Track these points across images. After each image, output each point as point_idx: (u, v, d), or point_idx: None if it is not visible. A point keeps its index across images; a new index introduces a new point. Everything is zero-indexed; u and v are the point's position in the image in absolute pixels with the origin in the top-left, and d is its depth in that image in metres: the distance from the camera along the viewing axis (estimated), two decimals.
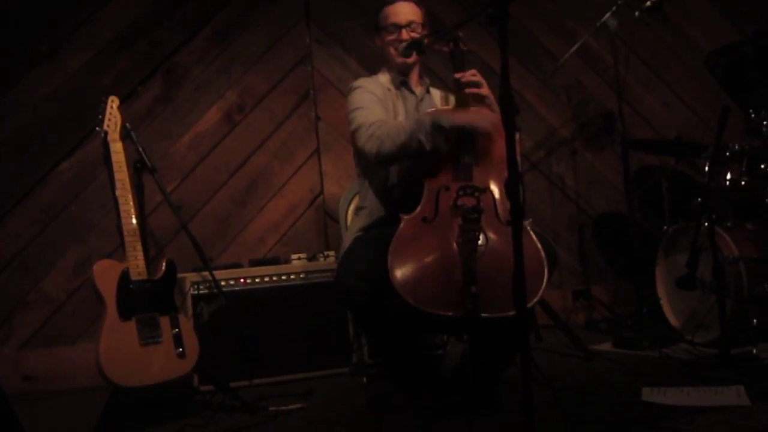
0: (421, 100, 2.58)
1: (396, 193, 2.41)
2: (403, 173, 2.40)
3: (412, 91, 2.57)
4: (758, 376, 2.45)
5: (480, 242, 2.07)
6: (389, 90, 2.53)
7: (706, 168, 2.94)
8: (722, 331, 2.68)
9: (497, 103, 2.28)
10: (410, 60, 2.51)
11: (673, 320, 3.22)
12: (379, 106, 2.43)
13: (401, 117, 2.48)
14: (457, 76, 2.31)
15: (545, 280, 2.08)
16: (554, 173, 4.08)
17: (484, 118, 2.24)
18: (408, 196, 2.30)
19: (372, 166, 2.44)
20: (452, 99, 2.55)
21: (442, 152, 2.22)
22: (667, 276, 3.25)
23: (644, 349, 3.06)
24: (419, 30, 2.50)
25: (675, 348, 3.03)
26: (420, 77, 2.62)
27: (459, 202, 2.14)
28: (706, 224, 2.77)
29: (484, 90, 2.33)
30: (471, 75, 2.31)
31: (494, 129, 2.23)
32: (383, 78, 2.58)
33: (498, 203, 2.20)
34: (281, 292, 3.10)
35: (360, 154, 2.46)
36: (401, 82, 2.56)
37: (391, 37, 2.51)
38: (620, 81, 3.43)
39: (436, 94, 2.66)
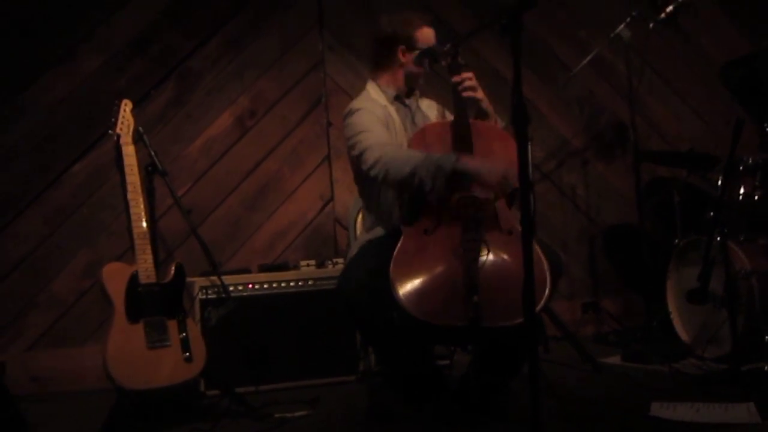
0: (414, 112, 2.57)
1: (401, 211, 2.40)
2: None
3: (405, 105, 2.56)
4: None
5: (481, 252, 2.06)
6: (384, 106, 2.50)
7: (719, 181, 2.92)
8: (734, 347, 2.65)
9: (509, 112, 2.27)
10: (421, 70, 2.52)
11: (683, 334, 3.19)
12: (381, 127, 2.40)
13: (399, 133, 2.47)
14: (455, 79, 2.33)
15: (548, 289, 2.06)
16: (565, 184, 4.06)
17: (494, 168, 2.18)
18: (411, 207, 2.29)
19: (376, 187, 2.43)
20: (449, 115, 2.55)
21: (440, 195, 2.19)
22: (677, 289, 3.23)
23: (654, 363, 3.03)
24: None
25: (685, 363, 3.00)
26: (411, 89, 2.60)
27: (460, 213, 2.13)
28: (719, 238, 2.75)
29: (480, 94, 2.34)
30: (468, 79, 2.32)
31: (497, 180, 2.18)
32: (374, 93, 2.54)
33: (500, 213, 2.19)
34: (289, 298, 3.09)
35: (362, 176, 2.44)
36: (395, 97, 2.54)
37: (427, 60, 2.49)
38: (633, 92, 3.42)
39: (424, 103, 2.65)
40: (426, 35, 2.50)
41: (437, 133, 2.33)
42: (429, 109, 2.64)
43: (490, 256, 2.06)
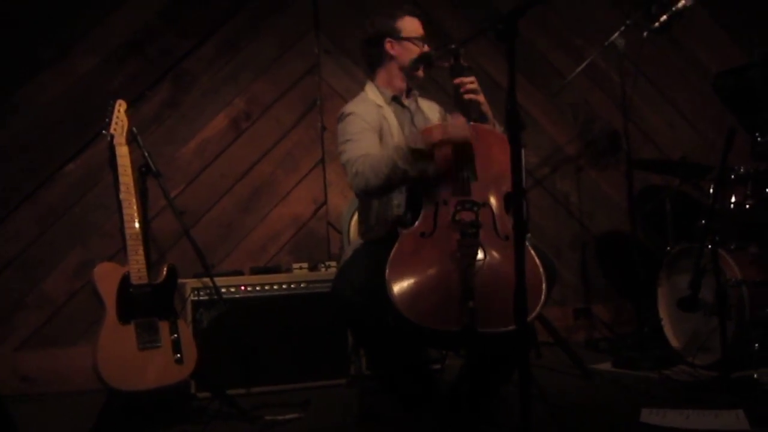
0: (413, 113, 2.57)
1: (397, 211, 2.40)
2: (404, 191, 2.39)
3: (403, 105, 2.56)
4: (758, 401, 2.44)
5: (478, 257, 2.06)
6: (380, 107, 2.49)
7: (711, 190, 2.93)
8: (723, 355, 2.66)
9: (503, 118, 2.27)
10: (416, 73, 2.51)
11: (674, 341, 3.20)
12: (369, 134, 2.38)
13: (396, 132, 2.46)
14: (456, 81, 2.32)
15: (543, 295, 2.06)
16: (558, 190, 4.08)
17: (459, 126, 2.20)
18: (408, 211, 2.29)
19: (362, 198, 2.43)
20: (449, 118, 2.55)
21: (430, 174, 2.20)
22: (669, 297, 3.24)
23: (644, 369, 3.04)
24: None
25: (675, 369, 3.01)
26: (408, 89, 2.60)
27: (457, 217, 2.13)
28: (710, 246, 2.76)
29: (481, 97, 2.34)
30: (470, 83, 2.32)
31: (470, 134, 2.20)
32: (372, 94, 2.52)
33: (497, 218, 2.19)
34: (281, 300, 3.09)
35: None
36: (393, 98, 2.53)
37: (416, 49, 2.48)
38: (626, 100, 3.44)
39: (425, 104, 2.65)
40: (409, 24, 2.50)
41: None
42: (430, 110, 2.64)
43: (487, 261, 2.06)
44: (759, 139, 3.11)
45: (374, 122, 2.42)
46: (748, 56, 4.12)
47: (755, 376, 2.66)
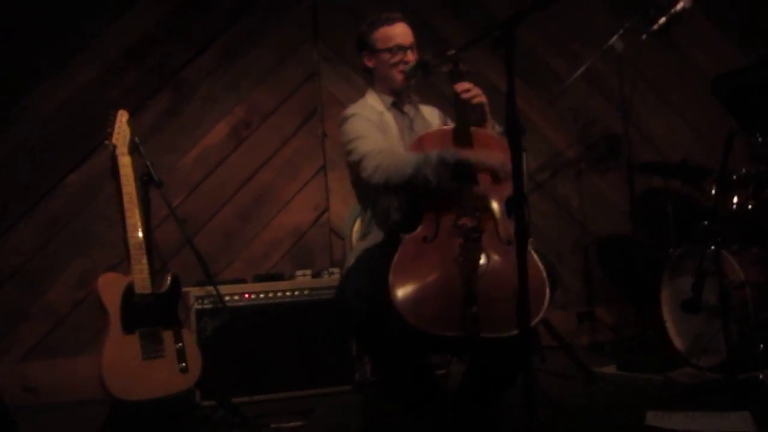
0: (413, 119, 2.57)
1: (398, 214, 2.41)
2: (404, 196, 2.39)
3: (403, 112, 2.56)
4: (764, 402, 2.43)
5: (481, 262, 2.06)
6: (381, 113, 2.49)
7: (713, 191, 2.93)
8: (728, 356, 2.66)
9: (503, 123, 2.27)
10: (412, 81, 2.51)
11: (678, 344, 3.20)
12: (378, 132, 2.39)
13: (395, 139, 2.46)
14: (455, 86, 2.31)
15: (546, 300, 2.06)
16: (559, 194, 4.08)
17: (493, 157, 2.21)
18: (409, 216, 2.30)
19: (373, 194, 2.43)
20: (450, 123, 2.55)
21: (447, 188, 2.21)
22: (672, 299, 3.24)
23: (649, 372, 3.04)
24: (416, 52, 2.51)
25: (680, 372, 3.01)
26: (408, 96, 2.60)
27: (459, 222, 2.13)
28: (712, 248, 2.76)
29: (483, 98, 2.33)
30: (469, 87, 2.32)
31: (501, 168, 2.21)
32: (372, 100, 2.53)
33: (499, 223, 2.20)
34: (285, 308, 3.09)
35: (361, 183, 2.42)
36: (392, 104, 2.53)
37: (394, 59, 2.47)
38: (626, 103, 3.44)
39: (426, 110, 2.65)
40: (384, 35, 2.47)
41: (437, 140, 2.33)
42: (431, 116, 2.64)
43: (489, 266, 2.07)
44: (759, 140, 3.12)
45: (377, 122, 2.43)
46: (747, 58, 4.13)
47: (761, 377, 2.65)
